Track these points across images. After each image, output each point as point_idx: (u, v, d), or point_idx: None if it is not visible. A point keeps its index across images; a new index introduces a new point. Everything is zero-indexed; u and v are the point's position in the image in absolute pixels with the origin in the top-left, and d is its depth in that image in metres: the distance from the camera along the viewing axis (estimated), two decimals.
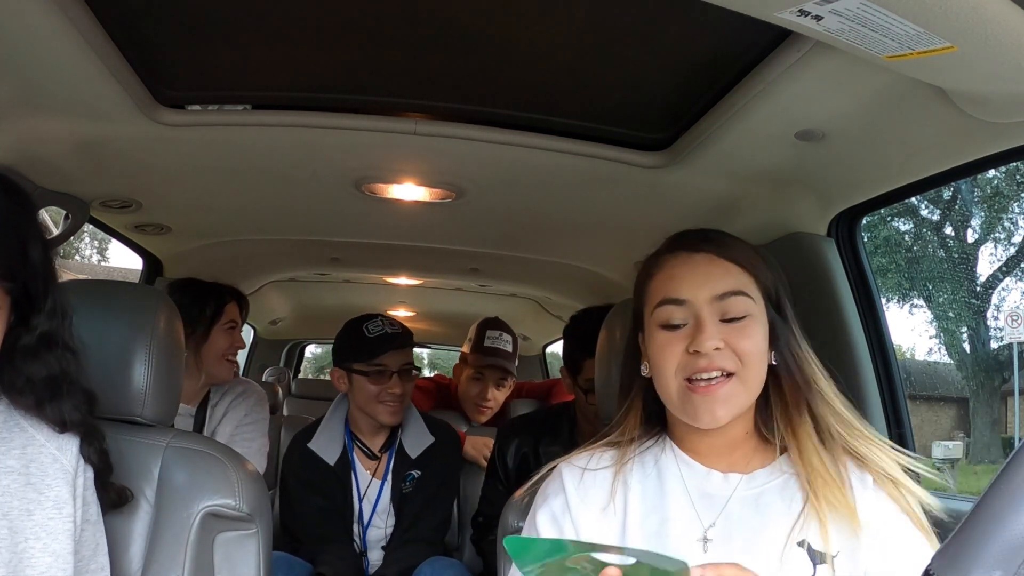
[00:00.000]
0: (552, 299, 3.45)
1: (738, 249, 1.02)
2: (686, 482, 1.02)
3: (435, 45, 1.29)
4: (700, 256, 1.01)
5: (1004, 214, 9.39)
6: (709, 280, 0.99)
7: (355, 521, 2.05)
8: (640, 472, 1.05)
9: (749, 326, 0.98)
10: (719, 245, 1.02)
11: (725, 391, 0.96)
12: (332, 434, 2.09)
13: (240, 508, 1.20)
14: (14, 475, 0.96)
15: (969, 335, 9.75)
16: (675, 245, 1.04)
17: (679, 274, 1.01)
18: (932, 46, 0.88)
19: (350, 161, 1.71)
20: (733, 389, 0.96)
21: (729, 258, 1.00)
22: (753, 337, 0.97)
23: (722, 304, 0.98)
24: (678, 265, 1.01)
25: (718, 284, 0.98)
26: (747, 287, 0.99)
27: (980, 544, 0.43)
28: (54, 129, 1.44)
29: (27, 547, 0.94)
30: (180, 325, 1.30)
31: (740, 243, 1.04)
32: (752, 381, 0.98)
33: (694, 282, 0.99)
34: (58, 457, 1.00)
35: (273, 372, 4.61)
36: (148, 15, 1.20)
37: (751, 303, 0.98)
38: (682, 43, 1.24)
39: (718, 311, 0.98)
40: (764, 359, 0.99)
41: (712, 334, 0.96)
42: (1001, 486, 0.44)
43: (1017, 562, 0.42)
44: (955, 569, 0.43)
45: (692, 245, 1.02)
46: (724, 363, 0.96)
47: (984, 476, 8.29)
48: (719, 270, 0.99)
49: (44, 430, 1.01)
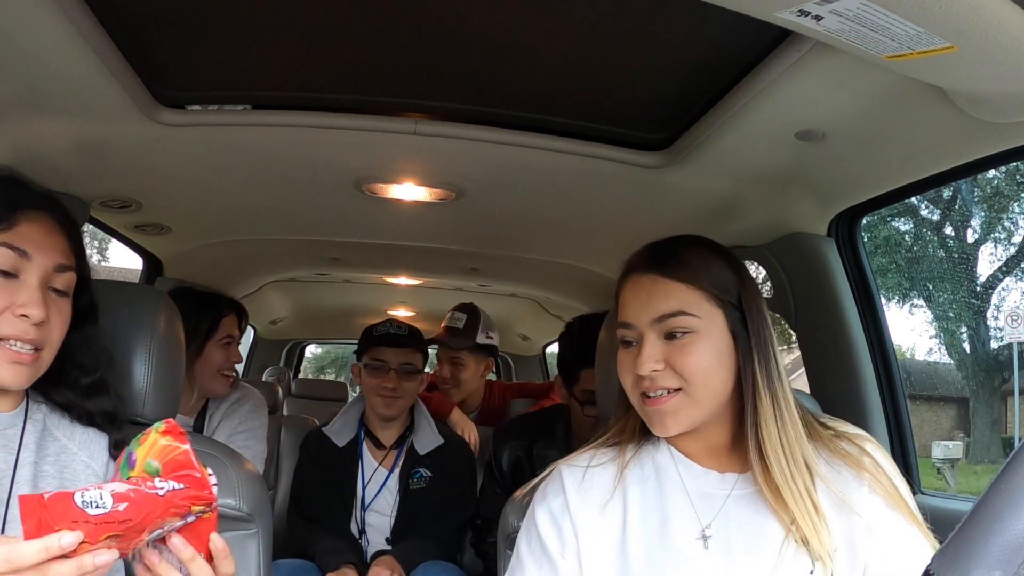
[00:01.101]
0: (552, 299, 3.45)
1: (687, 263, 1.03)
2: (684, 482, 1.03)
3: (435, 45, 1.29)
4: (645, 279, 1.04)
5: (1004, 214, 9.39)
6: (650, 303, 1.02)
7: (357, 506, 2.15)
8: (639, 472, 1.06)
9: (691, 343, 1.00)
10: (665, 263, 1.04)
11: (672, 405, 1.00)
12: (346, 423, 2.25)
13: (240, 508, 1.20)
14: (49, 479, 1.02)
15: (969, 335, 9.75)
16: (629, 266, 1.08)
17: (626, 299, 1.06)
18: (932, 46, 0.88)
19: (350, 161, 1.71)
20: (680, 403, 1.00)
21: (673, 277, 1.02)
22: (696, 354, 1.00)
23: (663, 325, 1.01)
24: (627, 288, 1.06)
25: (658, 306, 1.01)
26: (689, 305, 1.01)
27: (980, 544, 0.43)
28: (54, 129, 1.44)
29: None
30: (180, 325, 1.30)
31: (697, 254, 1.05)
32: (701, 395, 1.00)
33: (636, 306, 1.04)
34: (89, 464, 1.07)
35: (273, 372, 4.61)
36: (148, 15, 1.20)
37: (694, 320, 1.00)
38: (682, 43, 1.24)
39: (660, 331, 1.01)
40: (715, 372, 1.00)
41: (648, 357, 1.00)
42: (1001, 486, 0.44)
43: (1017, 562, 0.42)
44: (955, 569, 0.43)
45: (641, 266, 1.06)
46: (666, 382, 1.00)
47: (984, 476, 8.29)
48: (660, 292, 1.02)
49: (76, 439, 1.07)
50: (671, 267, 1.03)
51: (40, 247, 0.99)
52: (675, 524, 1.00)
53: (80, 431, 1.09)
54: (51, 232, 1.01)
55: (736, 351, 1.01)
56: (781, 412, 0.99)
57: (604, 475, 1.05)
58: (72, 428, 1.08)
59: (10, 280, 0.97)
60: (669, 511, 1.01)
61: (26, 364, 0.97)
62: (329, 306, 4.17)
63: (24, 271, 0.98)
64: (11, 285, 0.97)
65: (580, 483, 1.06)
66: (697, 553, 0.98)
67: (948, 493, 5.84)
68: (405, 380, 2.14)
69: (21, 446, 1.01)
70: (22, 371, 0.97)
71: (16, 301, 0.96)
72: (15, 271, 0.97)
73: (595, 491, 1.05)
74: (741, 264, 1.08)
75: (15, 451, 1.00)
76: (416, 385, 2.19)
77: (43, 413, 1.06)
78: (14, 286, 0.97)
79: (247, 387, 2.28)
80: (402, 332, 2.18)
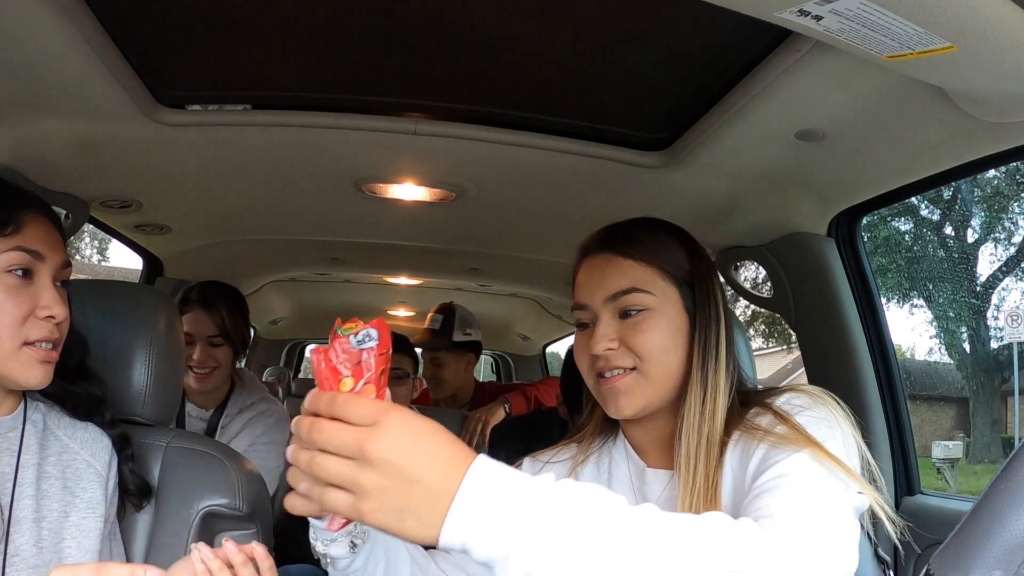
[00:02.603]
0: (552, 299, 3.45)
1: (639, 241, 1.02)
2: (632, 479, 1.04)
3: (435, 45, 1.29)
4: (598, 258, 1.03)
5: (1004, 214, 9.39)
6: (603, 281, 1.01)
7: None
8: (594, 467, 1.07)
9: (645, 320, 0.98)
10: (617, 242, 1.02)
11: (625, 383, 0.98)
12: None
13: (240, 508, 1.20)
14: (52, 480, 1.03)
15: (969, 335, 9.75)
16: (583, 249, 1.07)
17: (581, 280, 1.05)
18: (932, 46, 0.88)
19: (350, 161, 1.71)
20: (634, 382, 0.98)
21: (625, 255, 1.01)
22: (649, 332, 0.98)
23: (616, 303, 1.00)
24: (582, 270, 1.05)
25: (611, 284, 1.00)
26: (642, 282, 0.99)
27: (980, 544, 0.43)
28: (54, 129, 1.44)
29: (64, 546, 1.01)
30: (180, 325, 1.30)
31: (648, 232, 1.04)
32: (655, 374, 0.98)
33: (591, 285, 1.02)
34: (91, 463, 1.08)
35: (273, 372, 4.61)
36: (148, 15, 1.20)
37: (648, 298, 0.99)
38: (682, 43, 1.24)
39: (614, 310, 1.00)
40: (670, 350, 0.98)
41: (601, 336, 0.99)
42: (1001, 486, 0.44)
43: (1017, 562, 0.42)
44: (955, 569, 0.43)
45: (594, 247, 1.05)
46: (620, 361, 0.98)
47: (984, 476, 8.29)
48: (613, 270, 1.01)
49: (78, 438, 1.09)
50: (623, 245, 1.02)
51: (48, 246, 1.01)
52: None
53: (81, 430, 1.09)
54: (51, 230, 1.03)
55: (689, 329, 1.00)
56: (704, 394, 0.95)
57: (560, 471, 1.06)
58: (73, 426, 1.09)
59: (28, 282, 0.99)
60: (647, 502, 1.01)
61: (51, 363, 1.00)
62: (329, 306, 4.16)
63: (39, 272, 1.00)
64: (30, 287, 0.99)
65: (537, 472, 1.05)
66: None
67: (948, 493, 5.84)
68: (395, 385, 2.18)
69: (22, 449, 1.01)
70: (49, 370, 1.00)
71: (39, 303, 0.99)
72: (32, 272, 0.99)
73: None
74: (694, 241, 1.06)
75: (16, 454, 1.00)
76: (407, 390, 2.22)
77: (42, 412, 1.07)
78: (33, 288, 0.99)
79: (273, 400, 2.22)
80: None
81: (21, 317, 0.97)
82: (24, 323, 0.97)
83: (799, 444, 0.85)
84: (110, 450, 1.10)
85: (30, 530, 0.98)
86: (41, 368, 0.99)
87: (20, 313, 0.97)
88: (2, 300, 0.96)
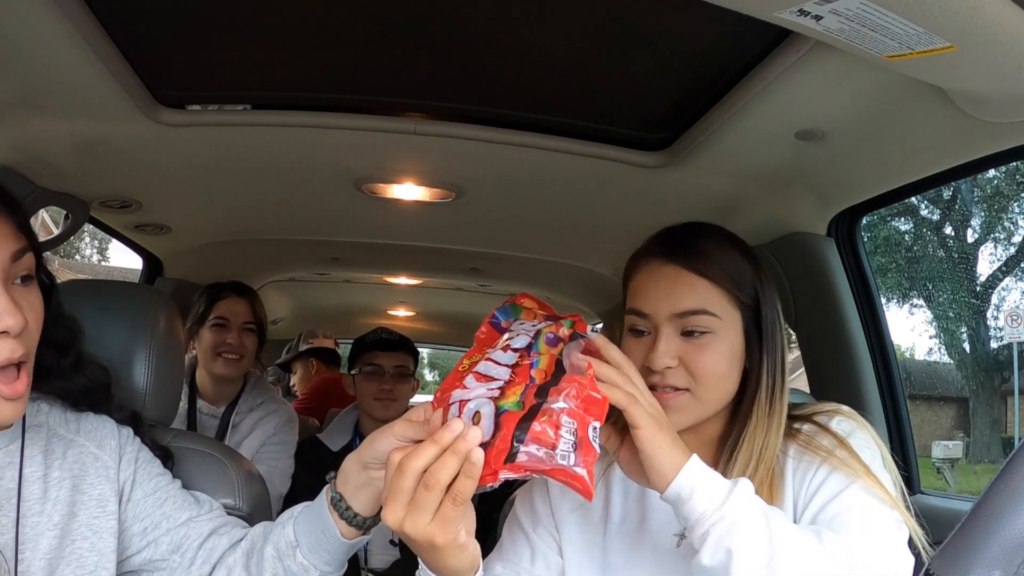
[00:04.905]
0: (552, 299, 3.45)
1: (713, 260, 0.99)
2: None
3: (435, 45, 1.29)
4: (668, 268, 0.99)
5: (1004, 214, 9.39)
6: (672, 296, 0.97)
7: None
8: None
9: (710, 344, 0.97)
10: (692, 255, 0.99)
11: (677, 403, 0.96)
12: (341, 429, 2.29)
13: (240, 508, 1.20)
14: (61, 484, 0.96)
15: (969, 335, 9.75)
16: (650, 250, 1.03)
17: (644, 287, 1.00)
18: (932, 46, 0.88)
19: (350, 161, 1.71)
20: (685, 403, 0.97)
21: (698, 272, 0.98)
22: (712, 355, 0.96)
23: (682, 321, 0.97)
24: (648, 276, 1.01)
25: (680, 301, 0.97)
26: (712, 304, 0.97)
27: (980, 544, 0.43)
28: (54, 129, 1.44)
29: (74, 548, 0.94)
30: (180, 325, 1.30)
31: (721, 250, 1.01)
32: (708, 397, 0.97)
33: (656, 296, 0.98)
34: (99, 455, 1.00)
35: (273, 372, 4.61)
36: (148, 15, 1.20)
37: (715, 321, 0.97)
38: (682, 43, 1.24)
39: (678, 327, 0.97)
40: (727, 375, 0.98)
41: (664, 352, 0.96)
42: (1001, 486, 0.44)
43: (1017, 562, 0.42)
44: (955, 569, 0.43)
45: (665, 253, 1.01)
46: (675, 381, 0.96)
47: (984, 476, 8.29)
48: (684, 287, 0.97)
49: (82, 431, 1.01)
50: (695, 260, 0.98)
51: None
52: (654, 522, 1.02)
53: (84, 421, 1.02)
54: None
55: (745, 353, 0.99)
56: (770, 424, 0.97)
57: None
58: (78, 420, 1.01)
59: None
60: (649, 510, 1.03)
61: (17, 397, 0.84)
62: (329, 306, 4.16)
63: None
64: None
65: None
66: (671, 551, 0.99)
67: (948, 493, 5.84)
68: (400, 383, 2.21)
69: (23, 461, 0.93)
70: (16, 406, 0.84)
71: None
72: None
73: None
74: (757, 259, 1.04)
75: (18, 467, 0.93)
76: (409, 388, 2.26)
77: (44, 414, 0.99)
78: None
79: (283, 401, 2.29)
80: (394, 337, 2.28)
81: None
82: None
83: (856, 470, 0.92)
84: (117, 432, 1.03)
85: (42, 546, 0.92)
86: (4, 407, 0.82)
87: None
88: None
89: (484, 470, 0.71)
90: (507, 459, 0.70)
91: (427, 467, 0.73)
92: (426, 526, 0.72)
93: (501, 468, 0.70)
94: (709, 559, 0.80)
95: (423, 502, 0.72)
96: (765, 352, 0.98)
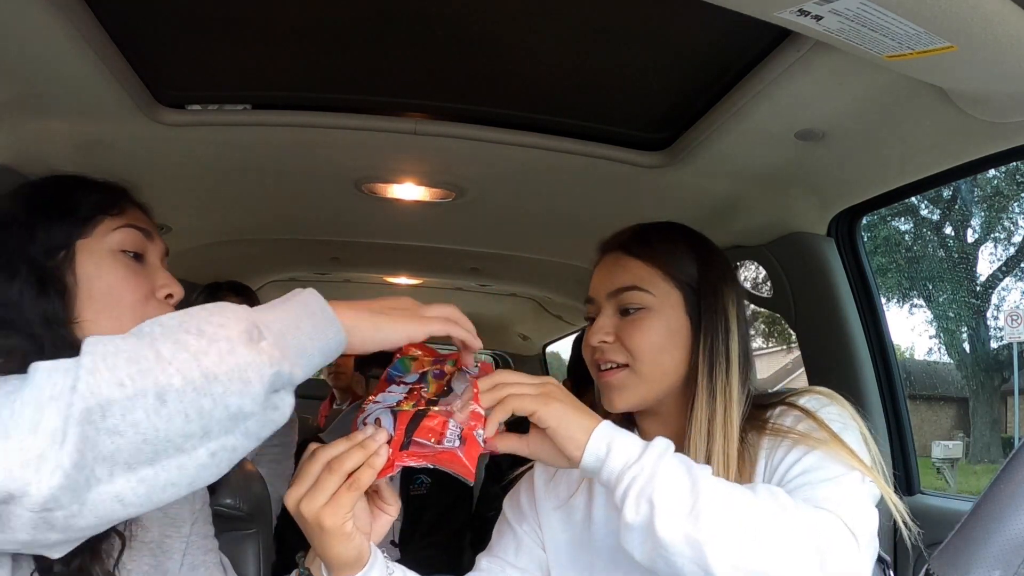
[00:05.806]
0: (552, 299, 3.45)
1: (650, 243, 1.05)
2: None
3: (435, 45, 1.29)
4: (609, 256, 1.08)
5: (1004, 214, 9.39)
6: (609, 277, 1.05)
7: None
8: None
9: (643, 319, 1.01)
10: (631, 241, 1.06)
11: (618, 379, 1.01)
12: (343, 428, 2.24)
13: (240, 508, 1.20)
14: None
15: (969, 335, 9.75)
16: (601, 248, 1.11)
17: (594, 275, 1.09)
18: (932, 46, 0.88)
19: (350, 161, 1.71)
20: (626, 379, 1.01)
21: (633, 254, 1.04)
22: (644, 331, 1.00)
23: (618, 299, 1.03)
24: (596, 267, 1.10)
25: (615, 280, 1.04)
26: (643, 281, 1.02)
27: (980, 543, 0.43)
28: (54, 129, 1.44)
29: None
30: None
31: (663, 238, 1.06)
32: (648, 373, 1.00)
33: (599, 280, 1.07)
34: None
35: None
36: (148, 15, 1.20)
37: (648, 297, 1.02)
38: (682, 43, 1.23)
39: (615, 305, 1.03)
40: (665, 351, 1.00)
41: (599, 328, 1.03)
42: (1001, 486, 0.44)
43: (1017, 562, 0.42)
44: (955, 568, 0.43)
45: (609, 246, 1.09)
46: (613, 356, 1.02)
47: (984, 476, 8.29)
48: (619, 267, 1.05)
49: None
50: (632, 245, 1.06)
51: (151, 226, 0.98)
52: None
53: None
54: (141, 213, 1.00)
55: (691, 334, 1.02)
56: (715, 404, 0.97)
57: (574, 472, 1.07)
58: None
59: (141, 264, 0.95)
60: None
61: None
62: None
63: (149, 252, 0.96)
64: (144, 269, 0.94)
65: (550, 478, 1.11)
66: None
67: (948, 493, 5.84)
68: None
69: None
70: None
71: (156, 283, 0.94)
72: (143, 252, 0.96)
73: (563, 486, 1.09)
74: (711, 251, 1.08)
75: None
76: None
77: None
78: (147, 269, 0.95)
79: None
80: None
81: (143, 297, 0.91)
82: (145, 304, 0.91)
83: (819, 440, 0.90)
84: None
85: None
86: None
87: (140, 294, 0.91)
88: (119, 281, 0.90)
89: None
90: (402, 447, 0.80)
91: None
92: (319, 508, 0.77)
93: (398, 458, 0.79)
94: (633, 515, 0.78)
95: (323, 484, 0.77)
96: (704, 331, 1.01)
